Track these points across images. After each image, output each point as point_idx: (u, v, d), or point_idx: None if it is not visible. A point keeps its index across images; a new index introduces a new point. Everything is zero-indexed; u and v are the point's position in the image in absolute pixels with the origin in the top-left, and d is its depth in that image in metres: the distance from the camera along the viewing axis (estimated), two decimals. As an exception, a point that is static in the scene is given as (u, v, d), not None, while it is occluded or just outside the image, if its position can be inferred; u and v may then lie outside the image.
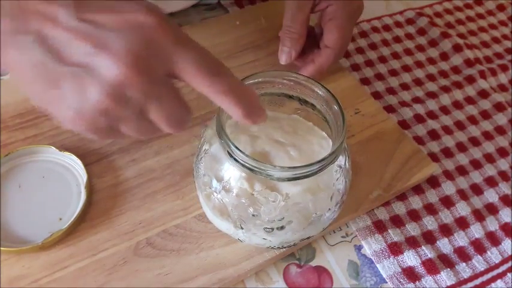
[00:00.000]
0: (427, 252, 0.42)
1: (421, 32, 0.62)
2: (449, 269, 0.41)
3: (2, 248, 0.37)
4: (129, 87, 0.25)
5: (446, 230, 0.44)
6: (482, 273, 0.42)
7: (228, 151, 0.31)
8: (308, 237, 0.37)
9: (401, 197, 0.45)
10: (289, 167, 0.31)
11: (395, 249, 0.41)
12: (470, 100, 0.55)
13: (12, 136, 0.44)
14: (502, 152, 0.51)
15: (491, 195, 0.47)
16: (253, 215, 0.33)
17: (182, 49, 0.26)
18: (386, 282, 0.40)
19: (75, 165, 0.42)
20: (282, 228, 0.34)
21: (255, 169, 0.31)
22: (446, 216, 0.45)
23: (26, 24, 0.25)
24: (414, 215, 0.44)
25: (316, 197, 0.34)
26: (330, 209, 0.35)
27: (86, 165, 0.42)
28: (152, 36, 0.25)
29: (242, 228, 0.35)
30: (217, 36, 0.54)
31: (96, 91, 0.25)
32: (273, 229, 0.34)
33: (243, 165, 0.31)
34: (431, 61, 0.59)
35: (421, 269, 0.41)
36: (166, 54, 0.26)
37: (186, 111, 0.28)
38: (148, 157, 0.44)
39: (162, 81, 0.26)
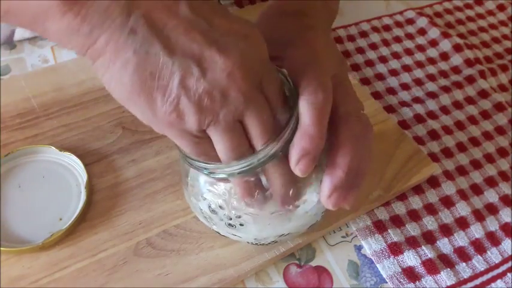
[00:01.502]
0: (427, 252, 0.42)
1: (421, 32, 0.62)
2: (449, 269, 0.41)
3: (2, 248, 0.37)
4: (233, 87, 0.26)
5: (446, 230, 0.44)
6: (482, 273, 0.42)
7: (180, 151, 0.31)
8: (288, 234, 0.36)
9: (402, 197, 0.45)
10: (217, 164, 0.30)
11: (395, 249, 0.41)
12: (470, 100, 0.55)
13: (12, 136, 0.44)
14: (502, 152, 0.51)
15: (491, 195, 0.47)
16: (212, 211, 0.34)
17: (270, 69, 0.29)
18: (387, 282, 0.40)
19: (75, 165, 0.42)
20: (242, 225, 0.34)
21: (197, 167, 0.30)
22: (446, 216, 0.45)
23: (133, 7, 0.25)
24: (414, 215, 0.44)
25: None
26: (306, 200, 0.33)
27: (86, 165, 0.42)
28: (255, 47, 0.27)
29: (214, 224, 0.35)
30: (217, 36, 0.54)
31: (200, 84, 0.25)
32: (235, 226, 0.34)
33: (190, 164, 0.31)
34: (431, 61, 0.59)
35: (421, 269, 0.41)
36: (262, 67, 0.28)
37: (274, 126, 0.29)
38: (148, 157, 0.44)
39: (258, 91, 0.28)
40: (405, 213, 0.44)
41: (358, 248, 0.42)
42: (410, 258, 0.41)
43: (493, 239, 0.44)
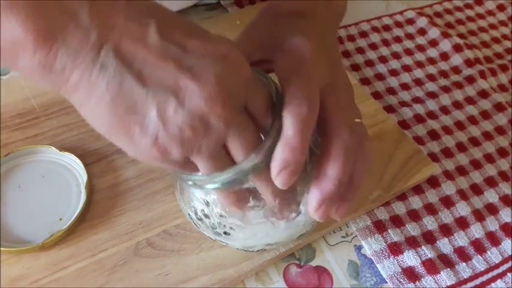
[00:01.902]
0: (427, 252, 0.42)
1: (421, 32, 0.62)
2: (449, 269, 0.41)
3: (2, 248, 0.37)
4: (213, 115, 0.25)
5: (446, 230, 0.44)
6: (482, 273, 0.42)
7: None
8: (275, 243, 0.36)
9: (401, 197, 0.45)
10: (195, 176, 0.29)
11: (395, 249, 0.41)
12: (470, 100, 0.55)
13: (12, 136, 0.44)
14: (502, 152, 0.51)
15: (491, 195, 0.47)
16: (199, 218, 0.34)
17: (256, 87, 0.28)
18: (387, 282, 0.40)
19: (75, 165, 0.42)
20: (227, 234, 0.34)
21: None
22: (446, 216, 0.45)
23: (104, 41, 0.23)
24: (414, 215, 0.44)
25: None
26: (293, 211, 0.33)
27: (86, 165, 0.42)
28: (235, 69, 0.26)
29: (203, 230, 0.35)
30: (217, 36, 0.54)
31: (178, 115, 0.24)
32: (220, 234, 0.34)
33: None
34: (431, 61, 0.59)
35: (421, 269, 0.41)
36: (244, 88, 0.26)
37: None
38: (148, 157, 0.44)
39: (241, 112, 0.27)
40: (405, 213, 0.44)
41: (358, 248, 0.42)
42: (410, 258, 0.41)
43: (493, 239, 0.44)
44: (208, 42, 0.25)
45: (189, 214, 0.35)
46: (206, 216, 0.33)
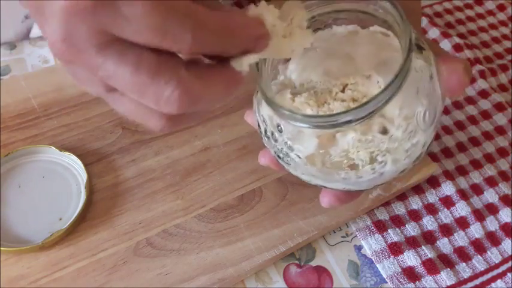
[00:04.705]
0: (427, 252, 0.42)
1: (421, 32, 0.62)
2: (449, 269, 0.41)
3: (2, 248, 0.37)
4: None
5: (446, 230, 0.44)
6: (482, 273, 0.42)
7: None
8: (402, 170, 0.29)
9: (401, 197, 0.45)
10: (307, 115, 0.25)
11: (395, 249, 0.41)
12: (470, 100, 0.55)
13: (12, 136, 0.44)
14: (502, 152, 0.51)
15: (491, 195, 0.47)
16: (266, 136, 0.29)
17: None
18: (387, 282, 0.40)
19: (75, 165, 0.42)
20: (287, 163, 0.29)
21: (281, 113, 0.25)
22: (446, 216, 0.45)
23: None
24: (414, 215, 0.44)
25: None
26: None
27: (86, 165, 0.42)
28: None
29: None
30: (217, 36, 0.54)
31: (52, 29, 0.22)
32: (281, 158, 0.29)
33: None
34: (431, 61, 0.59)
35: (421, 269, 0.41)
36: None
37: None
38: (148, 157, 0.44)
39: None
40: (405, 213, 0.44)
41: (358, 248, 0.42)
42: (410, 258, 0.41)
43: (493, 239, 0.44)
44: None
45: (258, 125, 0.30)
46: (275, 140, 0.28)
